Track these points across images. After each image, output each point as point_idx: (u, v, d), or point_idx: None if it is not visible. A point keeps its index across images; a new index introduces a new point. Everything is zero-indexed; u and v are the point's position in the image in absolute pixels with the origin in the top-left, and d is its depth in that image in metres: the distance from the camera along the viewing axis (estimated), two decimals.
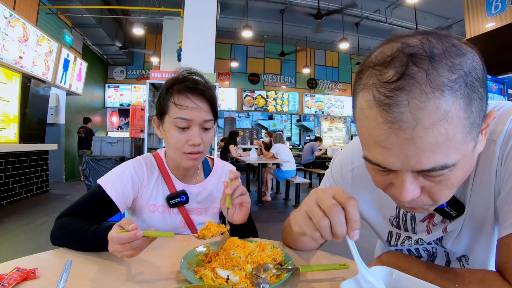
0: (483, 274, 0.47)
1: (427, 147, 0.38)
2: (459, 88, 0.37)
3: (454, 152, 0.39)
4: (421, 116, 0.36)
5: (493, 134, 0.50)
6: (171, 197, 0.92)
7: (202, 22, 4.47)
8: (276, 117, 12.28)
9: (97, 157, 3.70)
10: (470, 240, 0.58)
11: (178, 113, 0.83)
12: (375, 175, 0.48)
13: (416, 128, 0.37)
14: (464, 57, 0.38)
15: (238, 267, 0.59)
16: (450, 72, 0.37)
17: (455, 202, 0.55)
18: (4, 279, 0.53)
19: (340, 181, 0.74)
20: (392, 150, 0.40)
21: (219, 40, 6.54)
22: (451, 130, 0.37)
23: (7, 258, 0.63)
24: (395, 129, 0.38)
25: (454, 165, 0.40)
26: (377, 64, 0.40)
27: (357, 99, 0.43)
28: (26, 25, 4.50)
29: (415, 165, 0.39)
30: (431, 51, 0.37)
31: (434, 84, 0.36)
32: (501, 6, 4.71)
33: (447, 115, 0.36)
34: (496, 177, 0.50)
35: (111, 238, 0.60)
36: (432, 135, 0.37)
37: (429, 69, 0.36)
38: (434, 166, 0.39)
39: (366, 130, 0.42)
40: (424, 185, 0.43)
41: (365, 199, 0.71)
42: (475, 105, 0.39)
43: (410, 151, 0.38)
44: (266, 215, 4.39)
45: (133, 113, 5.74)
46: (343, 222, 0.44)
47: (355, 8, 7.64)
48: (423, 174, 0.42)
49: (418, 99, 0.36)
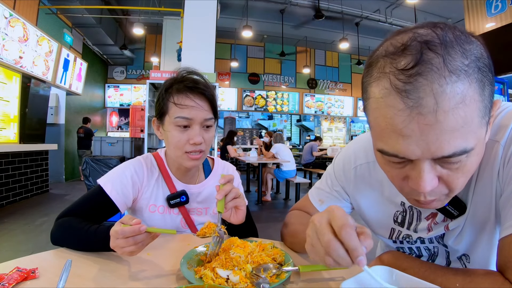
0: (484, 273, 0.47)
1: (448, 130, 0.38)
2: (472, 72, 0.38)
3: (472, 136, 0.39)
4: (441, 100, 0.37)
5: (497, 135, 0.50)
6: (171, 197, 0.91)
7: (202, 22, 4.47)
8: (276, 117, 12.28)
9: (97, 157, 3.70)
10: (471, 239, 0.58)
11: (179, 112, 0.83)
12: (390, 170, 0.47)
13: (437, 112, 0.37)
14: (473, 44, 0.40)
15: (238, 267, 0.59)
16: (464, 57, 0.37)
17: (457, 201, 0.55)
18: (4, 279, 0.53)
19: (342, 179, 0.74)
20: (412, 137, 0.39)
21: (219, 40, 6.54)
22: (469, 113, 0.38)
23: (7, 258, 0.63)
24: (416, 114, 0.38)
25: (472, 150, 0.40)
26: (391, 53, 0.40)
27: (371, 90, 0.43)
28: (26, 25, 4.49)
29: (436, 151, 0.39)
30: (443, 38, 0.38)
31: (451, 68, 0.37)
32: (501, 6, 4.71)
33: (465, 98, 0.37)
34: (498, 178, 0.50)
35: (115, 232, 0.60)
36: (452, 118, 0.37)
37: (445, 54, 0.37)
38: (454, 151, 0.39)
39: (384, 119, 0.41)
40: (441, 174, 0.43)
41: (367, 197, 0.71)
42: (487, 89, 0.40)
43: (431, 137, 0.38)
44: (266, 215, 4.39)
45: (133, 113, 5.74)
46: (344, 255, 0.41)
47: (355, 8, 7.64)
48: (441, 162, 0.41)
49: (438, 83, 0.37)
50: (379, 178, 0.68)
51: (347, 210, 0.77)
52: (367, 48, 9.36)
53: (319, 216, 0.46)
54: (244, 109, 10.19)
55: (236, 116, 10.91)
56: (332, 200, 0.76)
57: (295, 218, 0.79)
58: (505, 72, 4.64)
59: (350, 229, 0.41)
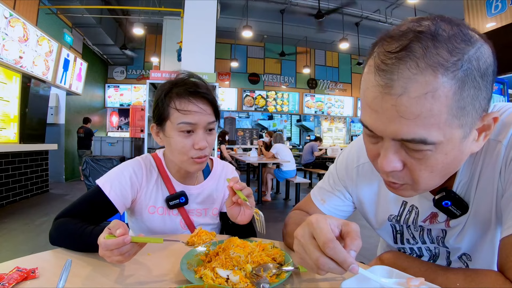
0: (485, 273, 0.47)
1: (410, 116, 0.39)
2: (454, 70, 0.38)
3: (437, 131, 0.40)
4: (409, 86, 0.39)
5: (499, 135, 0.51)
6: (170, 198, 0.91)
7: (202, 22, 4.47)
8: (276, 117, 12.28)
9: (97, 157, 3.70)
10: (473, 238, 0.58)
11: (182, 118, 0.81)
12: (367, 143, 0.50)
13: (402, 96, 0.39)
14: (470, 45, 0.40)
15: (238, 266, 0.59)
16: (449, 53, 0.38)
17: (459, 201, 0.55)
18: (4, 278, 0.53)
19: (344, 178, 0.75)
20: (378, 113, 0.42)
21: (219, 40, 6.54)
22: (436, 106, 0.39)
23: (7, 258, 0.63)
24: (384, 93, 0.41)
25: (435, 145, 0.41)
26: (389, 37, 0.43)
27: (365, 65, 0.47)
28: (26, 25, 4.49)
29: (396, 132, 0.42)
30: (436, 32, 0.39)
31: (429, 61, 0.38)
32: (501, 6, 4.71)
33: (435, 92, 0.38)
34: (500, 178, 0.50)
35: (100, 243, 0.59)
36: (416, 105, 0.39)
37: (429, 47, 0.38)
38: (413, 137, 0.41)
39: (363, 92, 0.45)
40: (405, 160, 0.45)
41: (369, 196, 0.71)
42: (468, 92, 0.39)
43: (393, 118, 0.41)
44: (266, 215, 4.35)
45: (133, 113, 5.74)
46: (335, 267, 0.43)
47: (355, 8, 7.64)
48: (405, 147, 0.44)
49: (410, 71, 0.39)
50: (381, 177, 0.68)
51: (349, 209, 0.77)
52: (367, 48, 9.27)
53: (301, 231, 0.47)
54: (244, 109, 10.19)
55: (236, 116, 10.91)
56: (334, 199, 0.76)
57: (294, 219, 0.79)
58: (505, 72, 4.64)
59: (333, 244, 0.42)
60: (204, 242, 0.66)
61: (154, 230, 0.91)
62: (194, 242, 0.66)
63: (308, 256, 0.45)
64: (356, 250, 0.43)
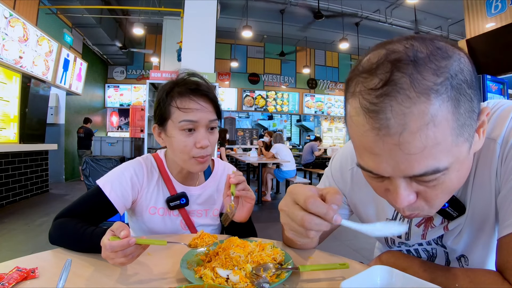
0: (483, 273, 0.47)
1: (416, 151, 0.37)
2: (445, 91, 0.36)
3: (445, 155, 0.39)
4: (407, 121, 0.36)
5: (493, 133, 0.50)
6: (171, 199, 0.90)
7: (202, 22, 4.47)
8: (276, 117, 12.28)
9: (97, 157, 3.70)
10: (470, 239, 0.58)
11: (183, 116, 0.81)
12: (371, 182, 0.48)
13: (403, 133, 0.37)
14: (450, 60, 0.38)
15: (238, 266, 0.59)
16: (435, 75, 0.36)
17: (456, 202, 0.55)
18: (4, 278, 0.53)
19: (339, 180, 0.74)
20: (382, 156, 0.40)
21: (219, 40, 6.54)
22: (439, 133, 0.37)
23: (7, 258, 0.63)
24: (383, 135, 0.38)
25: (447, 169, 0.40)
26: (363, 72, 0.40)
27: (347, 107, 0.44)
28: (26, 25, 4.49)
29: (406, 170, 0.39)
30: (414, 56, 0.37)
31: (419, 89, 0.36)
32: (501, 6, 4.71)
33: (434, 119, 0.36)
34: (496, 176, 0.50)
35: (104, 245, 0.58)
36: (420, 139, 0.37)
37: (413, 73, 0.36)
38: (426, 171, 0.39)
39: (356, 137, 0.42)
40: (419, 190, 0.43)
41: (364, 199, 0.71)
42: (464, 107, 0.38)
43: (399, 157, 0.38)
44: (266, 215, 4.39)
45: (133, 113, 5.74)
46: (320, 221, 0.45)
47: (355, 8, 7.64)
48: (416, 180, 0.41)
49: (403, 105, 0.36)
50: None
51: (346, 212, 0.76)
52: (367, 48, 9.28)
53: (284, 201, 0.50)
54: (244, 109, 10.18)
55: (236, 116, 10.91)
56: None
57: None
58: (505, 72, 4.64)
59: (313, 199, 0.45)
60: (207, 244, 0.67)
61: (154, 230, 0.91)
62: (196, 244, 0.67)
63: (294, 221, 0.47)
64: (337, 204, 0.45)
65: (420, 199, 0.44)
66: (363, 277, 0.46)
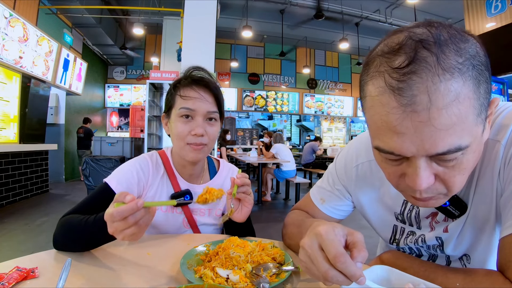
0: (485, 273, 0.47)
1: (442, 128, 0.38)
2: (467, 70, 0.38)
3: (467, 134, 0.39)
4: (434, 98, 0.37)
5: (498, 134, 0.50)
6: (175, 196, 0.91)
7: (202, 22, 4.47)
8: (276, 117, 12.28)
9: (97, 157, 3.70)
10: (472, 240, 0.58)
11: (183, 103, 0.85)
12: (386, 167, 0.48)
13: (430, 110, 0.37)
14: (468, 43, 0.40)
15: (238, 266, 0.59)
16: (458, 55, 0.38)
17: (457, 201, 0.55)
18: (3, 278, 0.53)
19: (343, 177, 0.74)
20: (406, 135, 0.40)
21: (219, 40, 6.54)
22: (463, 110, 0.38)
23: (7, 258, 0.63)
24: (410, 112, 0.38)
25: (467, 147, 0.40)
26: (387, 52, 0.41)
27: (367, 89, 0.44)
28: (26, 25, 4.49)
29: (430, 148, 0.39)
30: (437, 37, 0.38)
31: (445, 67, 0.37)
32: (501, 6, 4.71)
33: (459, 96, 0.37)
34: (499, 177, 0.50)
35: (110, 214, 0.53)
36: (446, 115, 0.37)
37: (439, 53, 0.37)
38: (449, 148, 0.39)
39: (379, 117, 0.41)
40: (437, 172, 0.43)
41: (369, 195, 0.71)
42: (483, 87, 0.40)
43: (425, 134, 0.38)
44: (266, 215, 4.39)
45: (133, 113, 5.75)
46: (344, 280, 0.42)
47: (355, 8, 7.64)
48: (437, 159, 0.42)
49: (431, 81, 0.37)
50: (380, 176, 0.68)
51: (349, 209, 0.77)
52: (367, 48, 9.36)
53: (309, 241, 0.46)
54: (244, 109, 10.19)
55: (236, 116, 10.91)
56: (334, 198, 0.76)
57: (292, 219, 0.79)
58: (505, 72, 4.64)
59: (344, 258, 0.41)
60: (217, 197, 0.67)
61: (156, 227, 0.91)
62: (206, 199, 0.67)
63: (315, 268, 0.44)
64: (362, 262, 0.43)
65: (438, 181, 0.44)
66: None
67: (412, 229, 0.67)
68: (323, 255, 0.43)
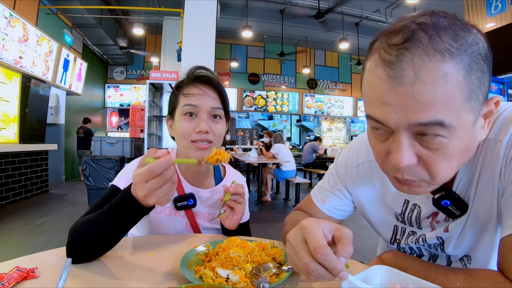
0: (485, 273, 0.47)
1: (425, 102, 0.40)
2: (459, 54, 0.40)
3: (452, 114, 0.41)
4: (422, 74, 0.39)
5: (499, 134, 0.51)
6: (179, 199, 0.88)
7: (202, 22, 4.46)
8: (276, 117, 12.28)
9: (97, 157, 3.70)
10: (473, 240, 0.58)
11: (186, 100, 0.84)
12: (375, 144, 0.49)
13: (416, 83, 0.40)
14: (468, 32, 0.42)
15: (238, 266, 0.59)
16: (453, 40, 0.40)
17: (458, 201, 0.55)
18: (3, 278, 0.53)
19: (344, 177, 0.75)
20: (392, 105, 0.42)
21: (219, 40, 6.54)
22: (450, 89, 0.40)
23: (7, 258, 0.62)
24: (397, 84, 0.41)
25: (450, 131, 0.41)
26: (388, 33, 0.44)
27: (365, 64, 0.47)
28: (26, 25, 4.49)
29: (412, 117, 0.41)
30: (437, 22, 0.41)
31: (437, 47, 0.39)
32: (501, 6, 4.71)
33: (446, 75, 0.39)
34: (500, 178, 0.50)
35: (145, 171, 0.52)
36: (431, 91, 0.39)
37: (433, 35, 0.40)
38: (431, 120, 0.40)
39: (370, 88, 0.45)
40: (420, 153, 0.44)
41: (369, 195, 0.71)
42: (475, 74, 0.41)
43: (408, 106, 0.41)
44: (266, 215, 4.39)
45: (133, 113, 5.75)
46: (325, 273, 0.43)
47: (355, 8, 7.64)
48: (419, 139, 0.43)
49: (421, 58, 0.40)
50: (381, 176, 0.68)
51: (349, 209, 0.77)
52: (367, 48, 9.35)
53: (294, 234, 0.47)
54: (244, 109, 10.19)
55: (236, 116, 10.91)
56: (334, 198, 0.76)
57: (293, 219, 0.79)
58: (505, 72, 4.64)
59: (324, 250, 0.42)
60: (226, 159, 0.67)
61: (158, 230, 0.90)
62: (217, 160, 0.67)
63: (299, 260, 0.45)
64: (346, 257, 0.43)
65: (422, 165, 0.45)
66: (364, 277, 0.46)
67: (413, 229, 0.67)
68: (305, 247, 0.44)
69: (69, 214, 3.95)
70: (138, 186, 0.54)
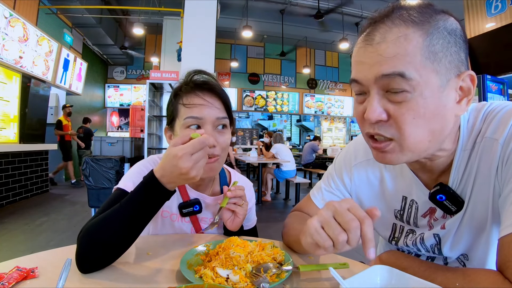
0: (484, 273, 0.47)
1: (387, 56, 0.48)
2: (422, 24, 0.48)
3: (413, 69, 0.47)
4: (386, 36, 0.48)
5: (495, 133, 0.51)
6: (184, 205, 0.84)
7: (202, 22, 4.46)
8: (276, 117, 12.29)
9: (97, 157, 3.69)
10: (469, 239, 0.58)
11: (188, 112, 0.76)
12: (356, 107, 0.56)
13: (381, 43, 0.49)
14: (439, 14, 0.49)
15: (238, 266, 0.59)
16: (419, 14, 0.48)
17: (454, 196, 0.56)
18: (3, 278, 0.53)
19: (343, 177, 0.75)
20: (363, 63, 0.51)
21: (219, 40, 6.53)
22: (409, 47, 0.47)
23: (7, 258, 0.62)
24: (367, 45, 0.50)
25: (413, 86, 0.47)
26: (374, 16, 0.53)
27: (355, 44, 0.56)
28: (26, 25, 4.49)
29: (377, 71, 0.48)
30: (410, 5, 0.50)
31: (403, 19, 0.48)
32: (501, 6, 4.71)
33: (407, 36, 0.47)
34: (496, 176, 0.51)
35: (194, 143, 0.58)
36: (392, 46, 0.47)
37: (403, 11, 0.49)
38: (393, 71, 0.47)
39: (353, 56, 0.54)
40: (389, 109, 0.49)
41: (368, 194, 0.72)
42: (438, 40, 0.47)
43: (375, 61, 0.49)
44: (266, 215, 4.39)
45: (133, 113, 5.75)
46: (359, 237, 0.45)
47: (355, 8, 7.63)
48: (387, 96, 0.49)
49: (387, 25, 0.49)
50: (379, 174, 0.69)
51: None
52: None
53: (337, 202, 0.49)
54: (244, 109, 10.19)
55: (236, 116, 10.91)
56: (334, 198, 0.76)
57: (292, 220, 0.79)
58: (505, 72, 4.63)
59: (370, 222, 0.46)
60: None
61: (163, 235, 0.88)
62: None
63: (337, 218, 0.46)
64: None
65: (391, 121, 0.50)
66: (363, 277, 0.46)
67: (411, 227, 0.67)
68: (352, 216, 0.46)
69: (69, 214, 3.94)
70: (185, 159, 0.57)
